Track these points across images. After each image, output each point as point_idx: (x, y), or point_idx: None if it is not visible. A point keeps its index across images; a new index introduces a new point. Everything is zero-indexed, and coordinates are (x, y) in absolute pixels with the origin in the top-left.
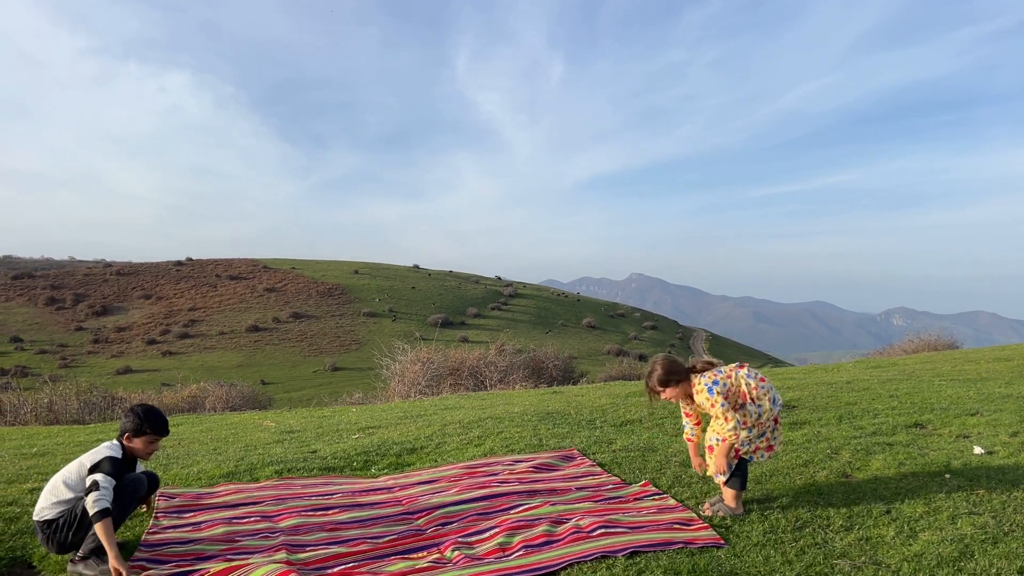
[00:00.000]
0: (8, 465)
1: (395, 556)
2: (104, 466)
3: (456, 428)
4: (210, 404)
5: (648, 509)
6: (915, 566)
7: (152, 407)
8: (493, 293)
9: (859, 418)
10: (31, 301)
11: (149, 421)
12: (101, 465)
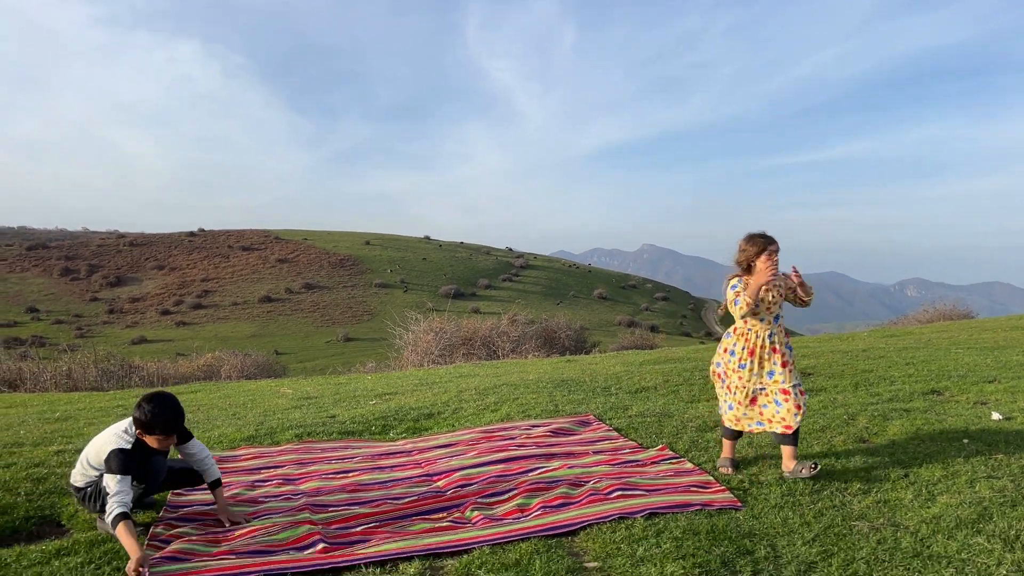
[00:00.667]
0: (33, 429)
1: (416, 517)
2: (112, 464)
3: (472, 394)
4: (225, 373)
5: (665, 472)
6: (933, 527)
7: (163, 400)
8: (504, 264)
9: (875, 385)
10: (46, 272)
11: (157, 422)
12: (110, 463)
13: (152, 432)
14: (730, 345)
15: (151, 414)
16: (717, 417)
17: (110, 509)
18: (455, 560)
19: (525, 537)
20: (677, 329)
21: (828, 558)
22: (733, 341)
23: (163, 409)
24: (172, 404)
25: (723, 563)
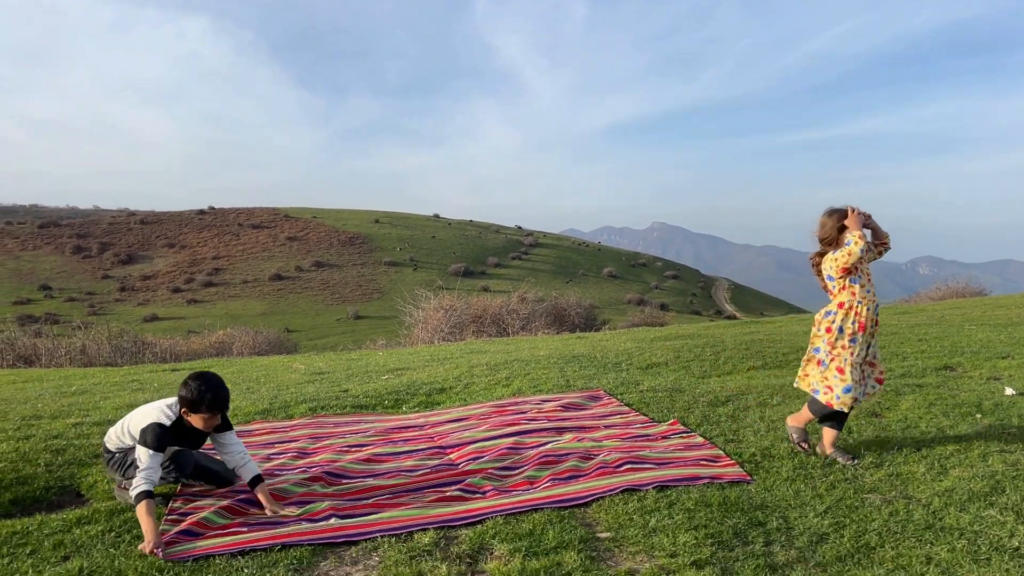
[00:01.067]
0: (51, 402)
1: (429, 489)
2: (148, 438)
3: (483, 370)
4: (237, 350)
5: (675, 446)
6: (946, 500)
7: (209, 378)
8: (513, 242)
9: (888, 361)
10: (58, 250)
11: (203, 399)
12: (145, 435)
13: (198, 410)
14: (835, 323)
15: (198, 391)
16: (729, 392)
17: (136, 483)
18: (469, 530)
19: (537, 508)
20: (687, 307)
21: (840, 530)
22: (840, 317)
23: (210, 386)
24: (219, 383)
25: (735, 534)
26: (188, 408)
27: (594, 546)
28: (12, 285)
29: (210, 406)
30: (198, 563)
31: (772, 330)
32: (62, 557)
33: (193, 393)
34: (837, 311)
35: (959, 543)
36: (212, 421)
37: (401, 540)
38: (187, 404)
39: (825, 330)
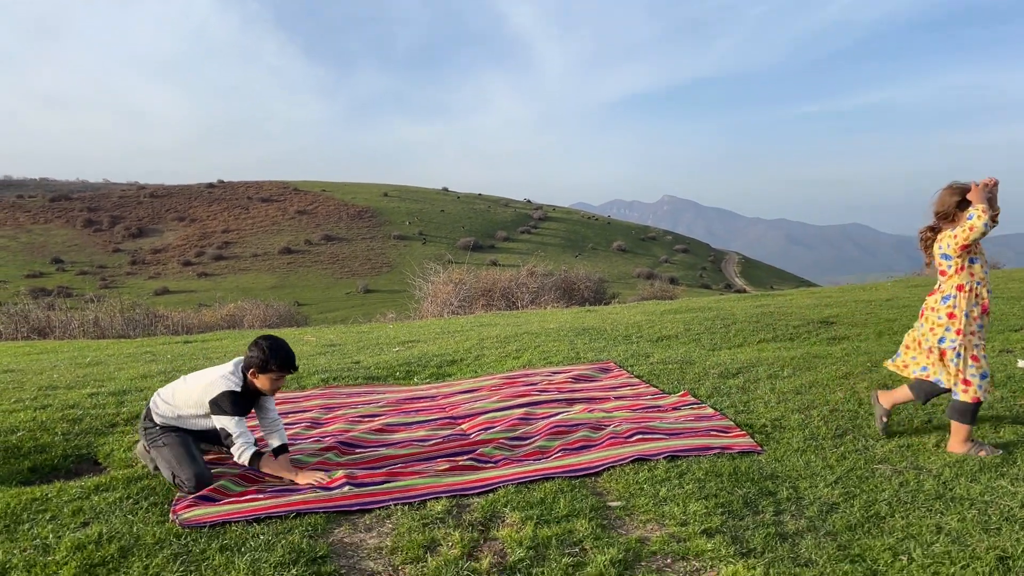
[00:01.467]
0: (66, 373)
1: (441, 458)
2: (224, 406)
3: (494, 342)
4: (248, 322)
5: (686, 417)
6: (956, 471)
7: (278, 340)
8: (522, 216)
9: (899, 334)
10: (69, 223)
11: (275, 357)
12: (221, 404)
13: (267, 370)
14: (958, 307)
15: (269, 350)
16: (739, 364)
17: (241, 450)
18: (481, 498)
19: (549, 477)
20: (697, 281)
21: (850, 499)
22: (962, 301)
23: (280, 347)
24: (287, 344)
25: (745, 503)
26: (257, 369)
27: (605, 515)
28: (25, 258)
29: (280, 366)
30: (215, 529)
31: (783, 303)
32: (82, 523)
33: (264, 353)
34: (956, 294)
35: (969, 513)
36: (279, 382)
37: (414, 508)
38: (257, 365)
39: (947, 316)
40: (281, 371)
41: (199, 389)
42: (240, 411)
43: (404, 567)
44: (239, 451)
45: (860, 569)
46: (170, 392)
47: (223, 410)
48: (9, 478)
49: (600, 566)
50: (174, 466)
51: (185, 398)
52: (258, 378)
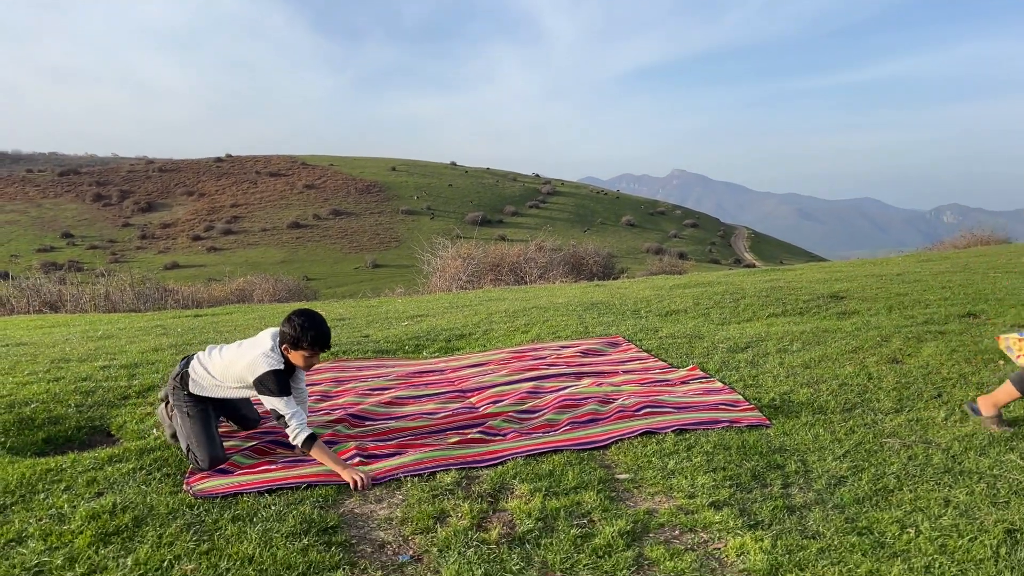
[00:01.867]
0: (78, 346)
1: (451, 431)
2: (270, 386)
3: (502, 316)
4: (257, 297)
5: (694, 391)
6: (966, 445)
7: (312, 315)
8: (531, 191)
9: (910, 308)
10: (79, 197)
11: (306, 336)
12: (267, 384)
13: (300, 346)
14: None
15: (301, 328)
16: (748, 339)
17: (296, 432)
18: (490, 470)
19: (557, 450)
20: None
21: (858, 473)
22: None
23: (315, 323)
24: (323, 320)
25: (753, 476)
26: (291, 345)
27: (613, 487)
28: (35, 233)
29: (312, 343)
30: (227, 500)
31: (792, 278)
32: (96, 493)
33: (296, 331)
34: None
35: (978, 486)
36: (313, 359)
37: (424, 479)
38: (290, 341)
39: None
40: (313, 349)
41: (241, 366)
42: (286, 389)
43: (414, 537)
44: (294, 432)
45: (867, 541)
46: (211, 364)
47: (270, 390)
48: (24, 449)
49: (608, 537)
50: (192, 442)
51: (224, 372)
52: (291, 353)
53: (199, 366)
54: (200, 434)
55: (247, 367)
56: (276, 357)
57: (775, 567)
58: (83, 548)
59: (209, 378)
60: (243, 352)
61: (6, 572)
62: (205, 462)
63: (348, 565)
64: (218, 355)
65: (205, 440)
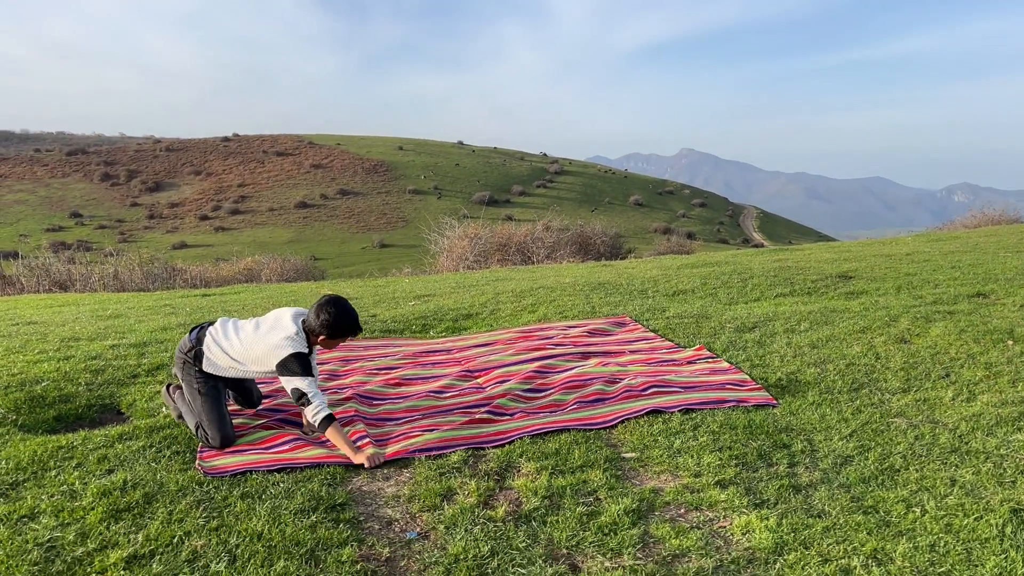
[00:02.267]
0: (88, 325)
1: (458, 411)
2: (294, 368)
3: (509, 296)
4: (265, 276)
5: (701, 371)
6: (973, 425)
7: (344, 305)
8: (538, 170)
9: (919, 288)
10: (87, 177)
11: (344, 325)
12: (291, 367)
13: (336, 336)
14: None
15: (336, 319)
16: (756, 318)
17: (317, 409)
18: (497, 449)
19: (564, 429)
20: (714, 236)
21: (864, 452)
22: None
23: (349, 314)
24: (352, 309)
25: (759, 456)
26: (328, 335)
27: (619, 465)
28: (44, 212)
29: (347, 332)
30: (236, 478)
31: (801, 257)
32: (107, 470)
33: (334, 319)
34: None
35: (984, 466)
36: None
37: (432, 458)
38: (327, 332)
39: None
40: (346, 337)
41: (262, 349)
42: (310, 371)
43: (421, 514)
44: (315, 411)
45: (873, 520)
46: (229, 345)
47: (294, 372)
48: (35, 427)
49: (614, 515)
50: (203, 420)
51: (244, 354)
52: (322, 339)
53: (215, 346)
54: (211, 412)
55: (270, 350)
56: (301, 340)
57: (780, 545)
58: (94, 524)
59: (226, 359)
60: (263, 335)
61: (19, 547)
62: (216, 440)
63: (356, 542)
64: (235, 336)
65: (217, 419)
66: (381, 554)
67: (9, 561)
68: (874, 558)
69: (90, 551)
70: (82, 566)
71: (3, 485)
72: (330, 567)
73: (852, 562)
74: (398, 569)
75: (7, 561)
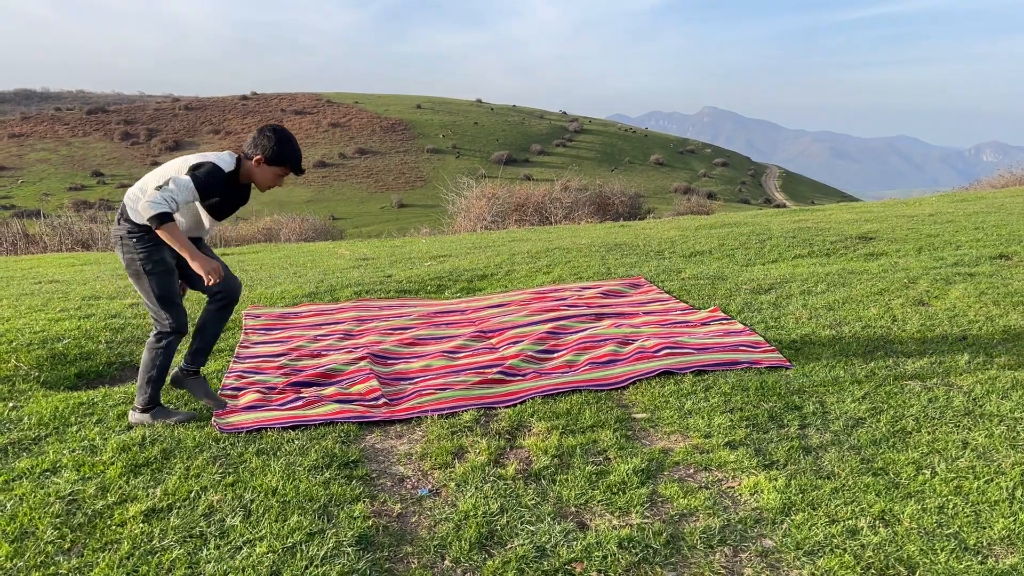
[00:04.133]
0: (108, 284)
1: (471, 371)
2: (200, 172)
3: (524, 257)
4: (284, 236)
5: (715, 332)
6: (988, 387)
7: (288, 134)
8: (558, 129)
9: (940, 249)
10: (107, 136)
11: (286, 152)
12: (199, 172)
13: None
14: None
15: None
16: (772, 280)
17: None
18: (508, 409)
19: (575, 390)
20: (735, 196)
21: (877, 415)
22: None
23: (290, 138)
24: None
25: (771, 417)
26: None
27: (629, 426)
28: (66, 171)
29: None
30: (251, 435)
31: (820, 218)
32: (126, 426)
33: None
34: None
35: (998, 429)
36: (279, 182)
37: (443, 416)
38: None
39: None
40: (291, 167)
41: (179, 164)
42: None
43: (433, 472)
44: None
45: (882, 482)
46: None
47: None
48: (57, 383)
49: (623, 474)
50: (155, 301)
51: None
52: (262, 167)
53: (134, 190)
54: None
55: (187, 162)
56: (230, 161)
57: (787, 505)
58: (114, 478)
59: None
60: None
61: (42, 500)
62: (172, 324)
63: (368, 498)
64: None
65: (173, 302)
66: (393, 510)
67: (32, 513)
68: (881, 519)
69: (110, 504)
70: (103, 519)
71: (26, 440)
72: (343, 522)
73: (859, 523)
74: (409, 525)
75: (31, 513)
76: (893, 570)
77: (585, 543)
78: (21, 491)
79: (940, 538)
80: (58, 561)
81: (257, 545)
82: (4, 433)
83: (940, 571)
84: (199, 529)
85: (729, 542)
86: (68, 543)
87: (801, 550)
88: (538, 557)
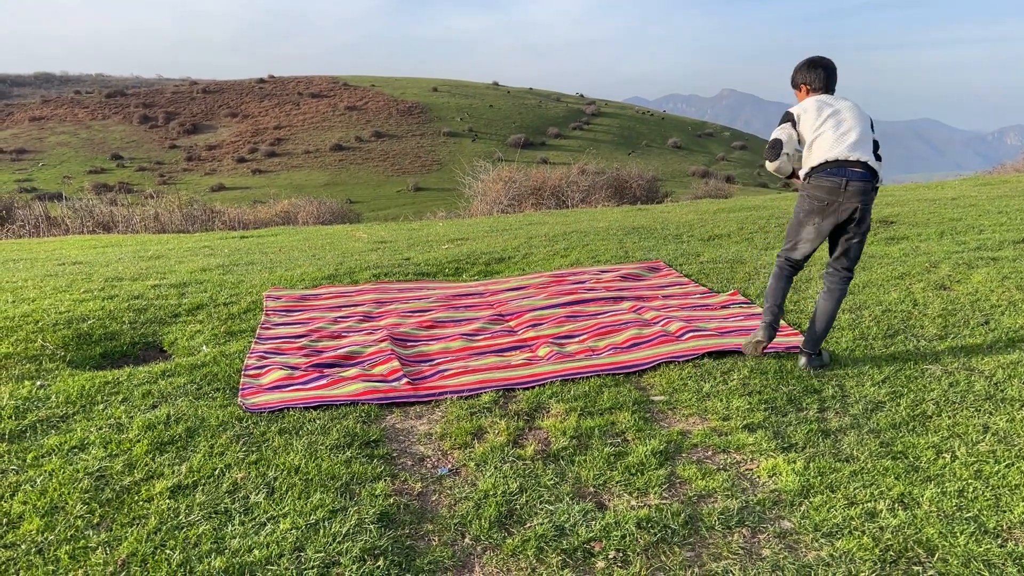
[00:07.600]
0: (130, 266)
1: (491, 354)
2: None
3: (542, 240)
4: (302, 219)
5: (735, 316)
6: (1010, 372)
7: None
8: (575, 112)
9: (962, 234)
10: (126, 119)
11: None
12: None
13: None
14: None
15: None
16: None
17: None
18: (527, 391)
19: (597, 373)
20: (754, 180)
21: (896, 399)
22: None
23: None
24: None
25: (789, 400)
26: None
27: (647, 408)
28: (86, 154)
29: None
30: (274, 414)
31: None
32: (151, 405)
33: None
34: None
35: (1019, 413)
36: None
37: (463, 398)
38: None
39: None
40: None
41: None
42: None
43: (452, 452)
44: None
45: (901, 465)
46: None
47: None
48: (83, 363)
49: (641, 456)
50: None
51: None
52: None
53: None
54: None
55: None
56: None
57: (806, 488)
58: (141, 456)
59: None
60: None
61: (71, 476)
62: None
63: (389, 476)
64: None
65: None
66: (413, 489)
67: (62, 489)
68: (900, 502)
69: (137, 481)
70: (130, 494)
71: (54, 418)
72: (364, 500)
73: (878, 506)
74: (429, 503)
75: (60, 489)
76: (912, 552)
77: (604, 523)
78: (50, 467)
79: (959, 521)
80: (88, 535)
81: (281, 521)
82: (33, 411)
83: (959, 554)
84: (224, 505)
85: (747, 523)
86: (97, 518)
87: (819, 532)
88: (557, 536)
